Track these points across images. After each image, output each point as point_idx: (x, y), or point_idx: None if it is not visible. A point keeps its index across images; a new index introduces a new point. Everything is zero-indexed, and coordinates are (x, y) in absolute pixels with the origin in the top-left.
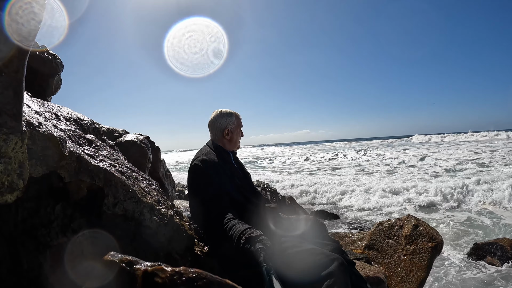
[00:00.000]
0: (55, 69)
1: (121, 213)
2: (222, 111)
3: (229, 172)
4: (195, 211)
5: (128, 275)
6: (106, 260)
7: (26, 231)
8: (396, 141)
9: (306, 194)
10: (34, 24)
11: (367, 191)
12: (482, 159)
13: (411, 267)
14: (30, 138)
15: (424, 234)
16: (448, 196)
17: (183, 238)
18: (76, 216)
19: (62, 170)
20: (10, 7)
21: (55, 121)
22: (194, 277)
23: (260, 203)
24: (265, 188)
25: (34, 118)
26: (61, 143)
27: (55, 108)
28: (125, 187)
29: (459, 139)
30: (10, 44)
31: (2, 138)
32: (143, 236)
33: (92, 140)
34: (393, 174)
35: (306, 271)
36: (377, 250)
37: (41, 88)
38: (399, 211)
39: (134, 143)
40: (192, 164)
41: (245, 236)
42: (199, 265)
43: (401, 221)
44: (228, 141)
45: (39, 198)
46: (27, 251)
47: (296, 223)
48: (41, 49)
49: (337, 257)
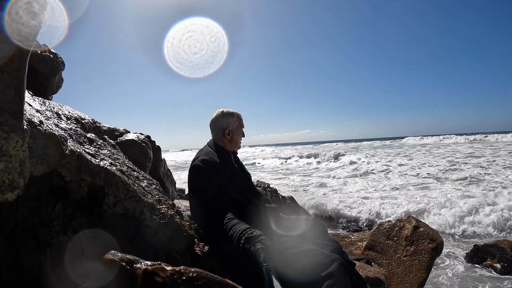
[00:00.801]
0: (56, 68)
1: (121, 212)
2: (224, 111)
3: (229, 172)
4: (195, 211)
5: (128, 274)
6: (106, 259)
7: (27, 229)
8: (387, 143)
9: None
10: (34, 24)
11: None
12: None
13: (411, 268)
14: (31, 137)
15: (424, 235)
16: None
17: (183, 238)
18: (76, 215)
19: (63, 169)
20: (10, 7)
21: (56, 120)
22: (194, 276)
23: (260, 203)
24: (266, 188)
25: (35, 116)
26: (62, 142)
27: (56, 107)
28: (126, 186)
29: (443, 142)
30: (11, 43)
31: (3, 136)
32: (144, 236)
33: (93, 139)
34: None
35: (306, 271)
36: (377, 251)
37: (42, 87)
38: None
39: (135, 142)
40: (193, 164)
41: (245, 236)
42: (199, 264)
43: (401, 222)
44: (228, 141)
45: (40, 197)
46: (28, 250)
47: (296, 223)
48: (43, 48)
49: (337, 258)
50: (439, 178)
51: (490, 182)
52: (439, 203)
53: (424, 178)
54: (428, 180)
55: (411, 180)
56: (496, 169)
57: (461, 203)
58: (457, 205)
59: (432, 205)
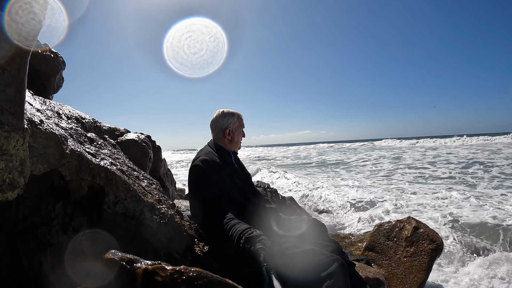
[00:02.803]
0: (57, 67)
1: (121, 212)
2: (224, 111)
3: (229, 172)
4: (195, 211)
5: (129, 274)
6: (106, 258)
7: (27, 229)
8: (363, 145)
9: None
10: (34, 24)
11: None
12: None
13: (411, 269)
14: (31, 136)
15: (424, 236)
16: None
17: (183, 238)
18: (76, 214)
19: (63, 168)
20: (10, 6)
21: (56, 119)
22: (194, 276)
23: (260, 203)
24: (266, 188)
25: (35, 116)
26: (62, 141)
27: (56, 106)
28: (126, 186)
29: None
30: (11, 43)
31: (4, 135)
32: (144, 235)
33: (94, 139)
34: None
35: (306, 271)
36: (377, 251)
37: (43, 86)
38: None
39: (135, 142)
40: (193, 164)
41: (245, 236)
42: (199, 264)
43: (401, 223)
44: (229, 141)
45: (40, 196)
46: (28, 249)
47: (296, 223)
48: (43, 48)
49: (337, 258)
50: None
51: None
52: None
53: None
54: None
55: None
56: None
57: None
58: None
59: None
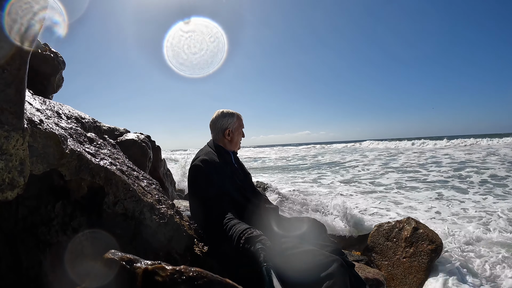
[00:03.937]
0: (56, 67)
1: (121, 212)
2: (224, 111)
3: (229, 172)
4: (195, 211)
5: (128, 274)
6: (106, 258)
7: (26, 228)
8: (346, 146)
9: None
10: (34, 24)
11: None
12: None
13: (410, 269)
14: (31, 136)
15: (423, 237)
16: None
17: (183, 238)
18: (76, 214)
19: (63, 168)
20: (10, 6)
21: (56, 119)
22: (194, 276)
23: (260, 203)
24: (266, 188)
25: (35, 115)
26: (62, 141)
27: (56, 106)
28: (126, 186)
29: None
30: (11, 42)
31: (4, 135)
32: (143, 235)
33: (93, 139)
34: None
35: (306, 271)
36: (376, 252)
37: (43, 86)
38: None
39: (135, 142)
40: (193, 164)
41: (245, 236)
42: (199, 264)
43: (400, 224)
44: (229, 141)
45: (40, 196)
46: (27, 248)
47: (296, 223)
48: (43, 48)
49: (337, 259)
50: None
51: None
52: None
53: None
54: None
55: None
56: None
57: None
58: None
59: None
